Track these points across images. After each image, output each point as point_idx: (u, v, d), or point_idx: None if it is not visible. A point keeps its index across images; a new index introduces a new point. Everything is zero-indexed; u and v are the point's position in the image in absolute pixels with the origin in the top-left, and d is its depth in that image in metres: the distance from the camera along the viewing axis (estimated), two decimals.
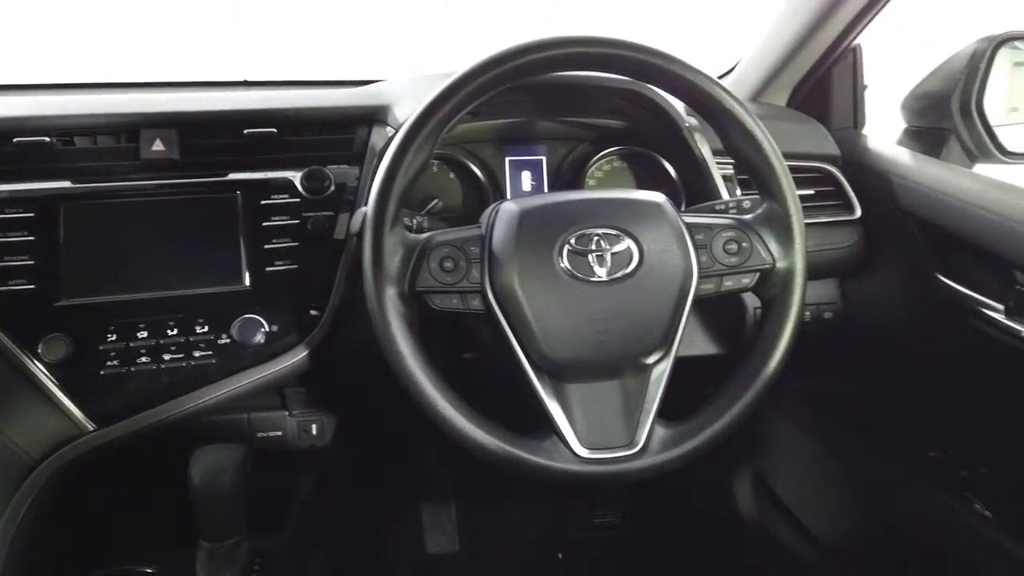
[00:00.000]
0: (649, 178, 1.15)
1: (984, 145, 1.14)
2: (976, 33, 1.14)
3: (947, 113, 1.15)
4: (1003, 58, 1.13)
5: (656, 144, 1.11)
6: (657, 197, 0.83)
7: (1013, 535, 0.86)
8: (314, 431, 1.09)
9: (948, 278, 0.97)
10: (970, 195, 0.94)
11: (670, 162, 1.11)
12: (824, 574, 1.23)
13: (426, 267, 0.77)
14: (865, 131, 1.24)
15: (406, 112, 0.98)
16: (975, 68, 1.12)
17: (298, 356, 0.93)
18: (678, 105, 1.03)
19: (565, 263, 0.77)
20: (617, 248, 0.78)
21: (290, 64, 1.50)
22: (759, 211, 0.84)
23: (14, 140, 0.89)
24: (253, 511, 0.89)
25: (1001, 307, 0.89)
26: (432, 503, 1.56)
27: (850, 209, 1.09)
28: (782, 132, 1.06)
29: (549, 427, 0.77)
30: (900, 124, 1.25)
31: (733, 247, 0.82)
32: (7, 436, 0.85)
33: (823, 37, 1.12)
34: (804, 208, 0.84)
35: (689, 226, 0.82)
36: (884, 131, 1.26)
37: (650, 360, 0.79)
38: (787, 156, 0.84)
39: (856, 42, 1.17)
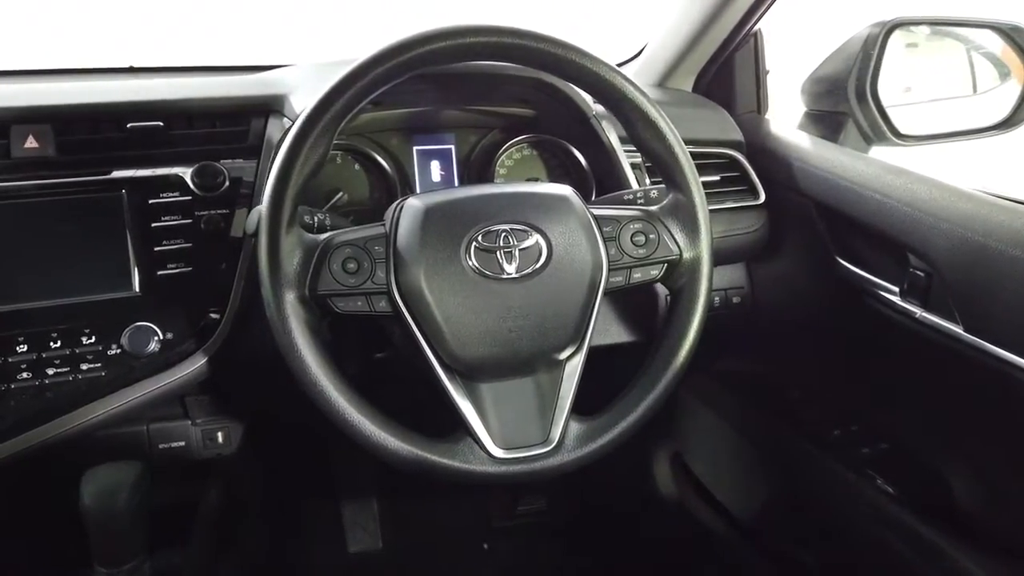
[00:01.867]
0: (559, 166, 1.14)
1: (879, 128, 1.17)
2: (873, 15, 1.18)
3: (843, 97, 1.18)
4: (895, 41, 1.17)
5: (565, 132, 1.10)
6: (564, 190, 0.82)
7: (913, 510, 0.90)
8: (220, 439, 1.04)
9: (847, 261, 0.99)
10: (865, 179, 0.97)
11: (579, 150, 1.10)
12: (738, 549, 1.26)
13: (327, 269, 0.74)
14: (768, 116, 1.26)
15: (304, 102, 0.94)
16: (868, 52, 1.15)
17: (196, 364, 0.88)
18: (584, 94, 1.02)
19: (472, 261, 0.75)
20: (525, 244, 0.76)
21: (182, 48, 1.42)
22: (665, 202, 0.84)
23: None
24: (154, 529, 0.84)
25: (896, 289, 0.93)
26: (352, 501, 1.53)
27: (755, 194, 1.11)
28: (687, 118, 1.07)
29: (463, 429, 0.75)
30: (801, 108, 1.28)
31: (641, 239, 0.81)
32: None
33: (725, 22, 1.13)
34: (709, 194, 0.85)
35: (597, 218, 0.81)
36: (787, 116, 1.29)
37: (563, 355, 0.78)
38: (692, 142, 0.84)
39: (757, 27, 1.19)
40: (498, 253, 0.75)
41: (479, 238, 0.75)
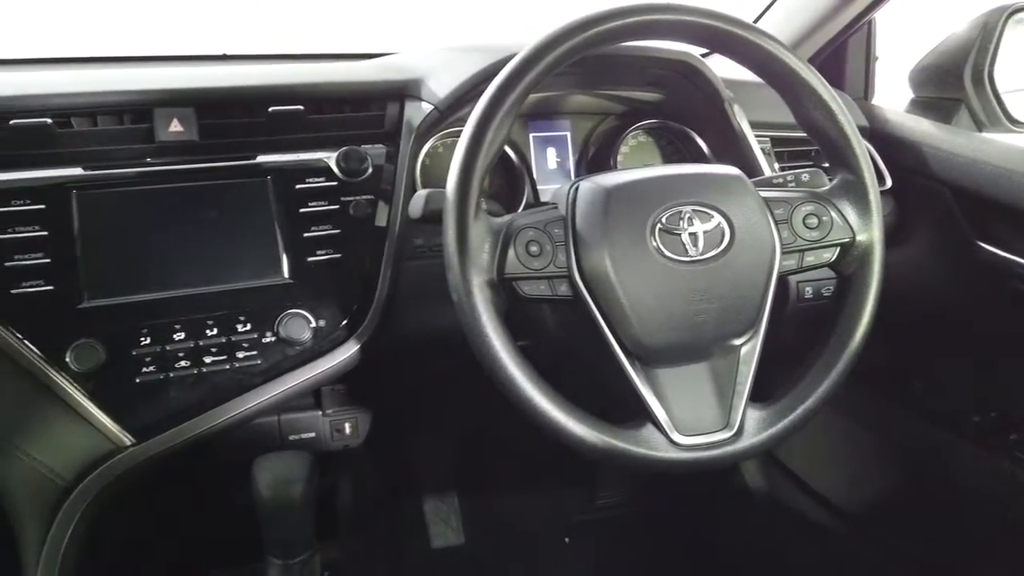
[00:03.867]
0: (675, 154, 1.12)
1: (994, 114, 1.16)
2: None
3: (958, 83, 1.17)
4: (1012, 29, 1.16)
5: (689, 118, 1.08)
6: (736, 171, 0.80)
7: None
8: (347, 431, 1.02)
9: (988, 244, 0.98)
10: (1010, 161, 0.95)
11: (702, 136, 1.08)
12: (843, 541, 1.25)
13: (512, 252, 0.72)
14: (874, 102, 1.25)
15: (443, 85, 0.92)
16: (987, 38, 1.14)
17: (349, 352, 0.86)
18: (720, 77, 1.01)
19: (657, 243, 0.73)
20: (708, 226, 0.75)
21: (283, 36, 1.39)
22: (834, 183, 0.83)
23: (10, 122, 0.79)
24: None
25: None
26: (434, 496, 1.51)
27: (882, 180, 1.09)
28: None
29: (644, 415, 0.74)
30: (905, 95, 1.27)
31: (813, 221, 0.80)
32: (34, 459, 0.75)
33: (855, 5, 1.11)
34: None
35: (767, 201, 0.80)
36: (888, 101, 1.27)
37: (740, 341, 0.77)
38: None
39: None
40: (683, 235, 0.74)
41: (663, 219, 0.74)
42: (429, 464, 1.48)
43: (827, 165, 0.85)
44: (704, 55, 1.07)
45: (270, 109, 0.87)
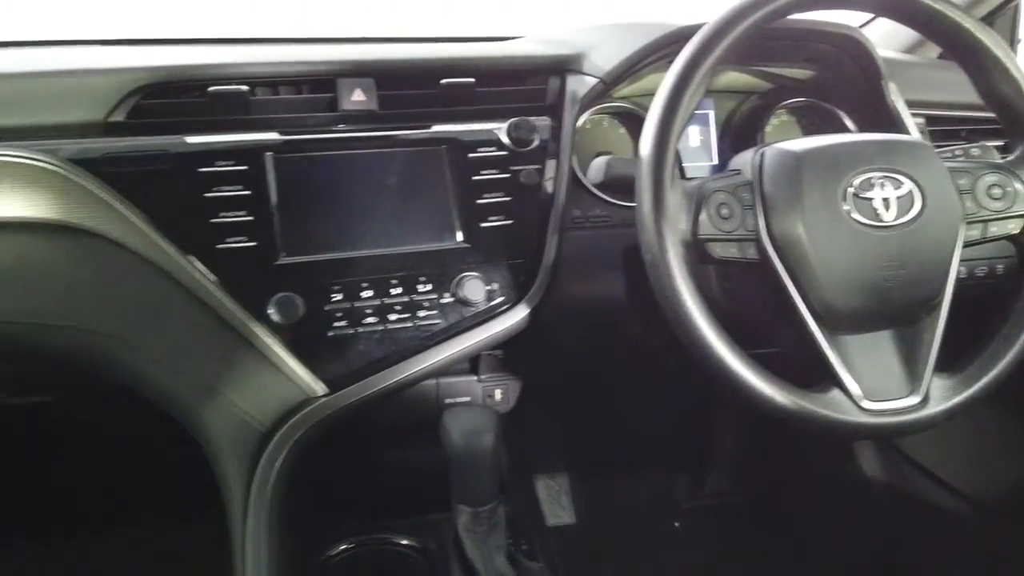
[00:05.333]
0: (818, 133, 1.12)
1: None
2: None
3: None
4: None
5: (838, 97, 1.08)
6: (921, 139, 0.80)
7: None
8: (498, 397, 1.05)
9: None
10: None
11: (850, 116, 1.08)
12: (972, 528, 1.23)
13: (706, 214, 0.74)
14: None
15: (608, 59, 0.95)
16: None
17: (519, 316, 0.89)
18: (881, 53, 1.01)
19: (850, 207, 0.74)
20: (900, 192, 0.75)
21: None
22: (1017, 154, 0.82)
23: (209, 89, 0.83)
24: None
25: None
26: (546, 476, 1.53)
27: None
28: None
29: (830, 379, 0.74)
30: None
31: (998, 192, 0.80)
32: (236, 406, 0.79)
33: None
34: None
35: (950, 171, 0.79)
36: None
37: (926, 308, 0.77)
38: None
39: None
40: (875, 200, 0.74)
41: (855, 184, 0.74)
42: (547, 439, 1.50)
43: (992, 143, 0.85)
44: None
45: (442, 81, 0.90)
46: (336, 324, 0.82)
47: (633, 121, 1.06)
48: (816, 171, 0.75)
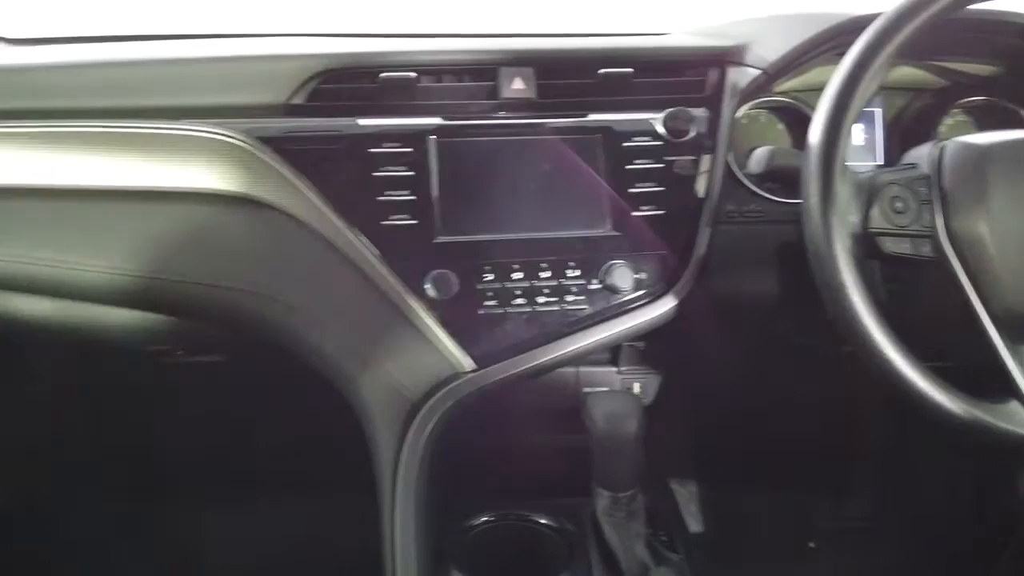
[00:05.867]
0: None
1: None
2: None
3: None
4: None
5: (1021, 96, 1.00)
6: None
7: None
8: (636, 390, 1.05)
9: None
10: None
11: None
12: None
13: (877, 206, 0.70)
14: None
15: (773, 50, 0.92)
16: None
17: (666, 307, 0.88)
18: None
19: None
20: None
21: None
22: None
23: (381, 75, 0.88)
24: None
25: None
26: (679, 482, 1.50)
27: None
28: None
29: (1009, 390, 0.69)
30: None
31: None
32: (390, 374, 0.84)
33: None
34: None
35: None
36: None
37: None
38: None
39: None
40: None
41: None
42: (679, 440, 1.47)
43: None
44: None
45: (600, 71, 0.91)
46: (487, 303, 0.84)
47: (794, 117, 1.03)
48: (1003, 167, 0.69)
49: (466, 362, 0.83)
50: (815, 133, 0.70)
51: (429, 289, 0.83)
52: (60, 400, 1.36)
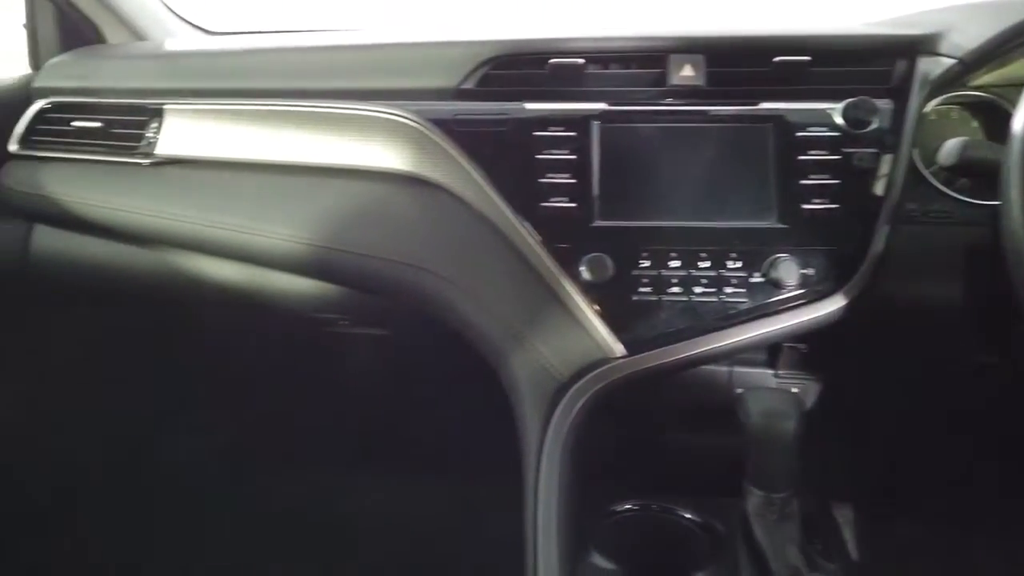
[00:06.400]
0: None
1: None
2: None
3: None
4: None
5: None
6: None
7: None
8: None
9: None
10: None
11: None
12: None
13: None
14: None
15: (969, 38, 0.85)
16: None
17: (834, 306, 0.83)
18: None
19: None
20: None
21: None
22: None
23: (550, 61, 0.89)
24: None
25: None
26: (831, 497, 1.41)
27: None
28: None
29: None
30: None
31: None
32: (540, 353, 0.84)
33: None
34: None
35: None
36: None
37: None
38: None
39: None
40: None
41: None
42: (834, 457, 1.38)
43: None
44: None
45: (775, 59, 0.87)
46: (641, 289, 0.83)
47: (992, 114, 0.94)
48: None
49: (616, 348, 0.83)
50: (1020, 121, 0.64)
51: (584, 272, 0.83)
52: (217, 360, 1.48)
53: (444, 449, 1.45)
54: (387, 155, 0.92)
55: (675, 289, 0.83)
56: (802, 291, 0.83)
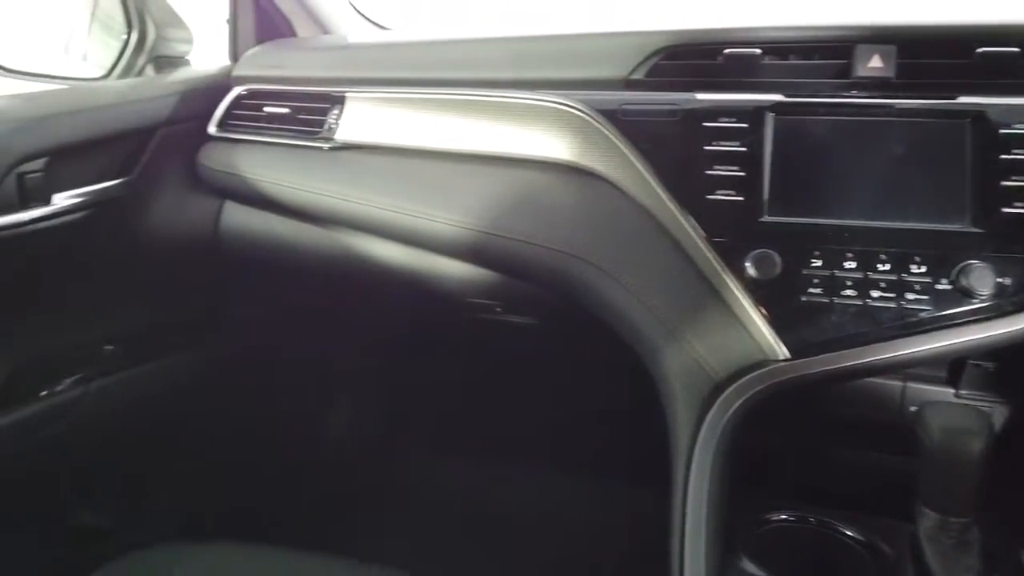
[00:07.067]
0: None
1: None
2: None
3: None
4: None
5: None
6: None
7: None
8: None
9: None
10: None
11: None
12: None
13: None
14: None
15: None
16: None
17: None
18: None
19: None
20: None
21: None
22: None
23: (725, 51, 0.87)
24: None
25: None
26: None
27: None
28: None
29: None
30: None
31: None
32: (695, 350, 0.82)
33: None
34: None
35: None
36: None
37: None
38: None
39: None
40: None
41: None
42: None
43: None
44: None
45: (979, 50, 0.80)
46: (811, 290, 0.79)
47: None
48: None
49: (780, 350, 0.79)
50: None
51: (749, 268, 0.80)
52: (374, 341, 1.54)
53: (589, 444, 1.44)
54: (550, 144, 0.93)
55: (849, 292, 0.78)
56: (996, 302, 0.75)
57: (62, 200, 1.02)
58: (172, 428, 1.32)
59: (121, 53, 1.24)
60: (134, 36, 1.24)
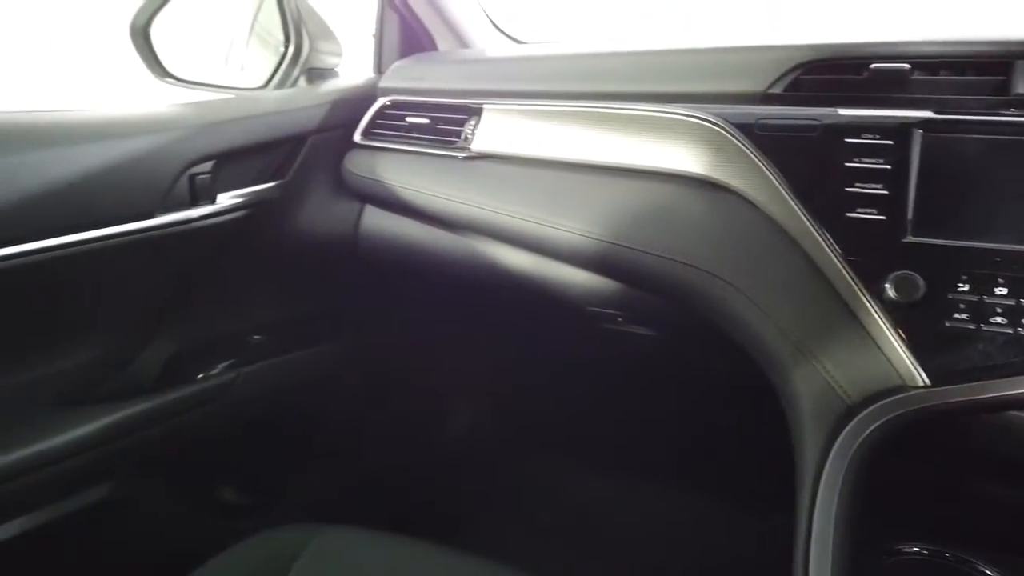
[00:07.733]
0: None
1: None
2: None
3: None
4: None
5: None
6: None
7: None
8: None
9: None
10: None
11: None
12: None
13: None
14: None
15: None
16: None
17: None
18: None
19: None
20: None
21: None
22: None
23: (872, 66, 0.84)
24: None
25: None
26: None
27: None
28: None
29: None
30: None
31: None
32: (827, 371, 0.80)
33: None
34: None
35: None
36: None
37: None
38: None
39: None
40: None
41: None
42: None
43: None
44: None
45: None
46: (956, 316, 0.76)
47: None
48: None
49: (919, 376, 0.76)
50: None
51: (888, 290, 0.77)
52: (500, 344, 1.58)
53: (710, 463, 1.42)
54: (681, 157, 0.94)
55: (999, 320, 0.74)
56: None
57: (226, 200, 1.12)
58: (310, 415, 1.41)
59: (279, 65, 1.34)
60: (291, 49, 1.33)
